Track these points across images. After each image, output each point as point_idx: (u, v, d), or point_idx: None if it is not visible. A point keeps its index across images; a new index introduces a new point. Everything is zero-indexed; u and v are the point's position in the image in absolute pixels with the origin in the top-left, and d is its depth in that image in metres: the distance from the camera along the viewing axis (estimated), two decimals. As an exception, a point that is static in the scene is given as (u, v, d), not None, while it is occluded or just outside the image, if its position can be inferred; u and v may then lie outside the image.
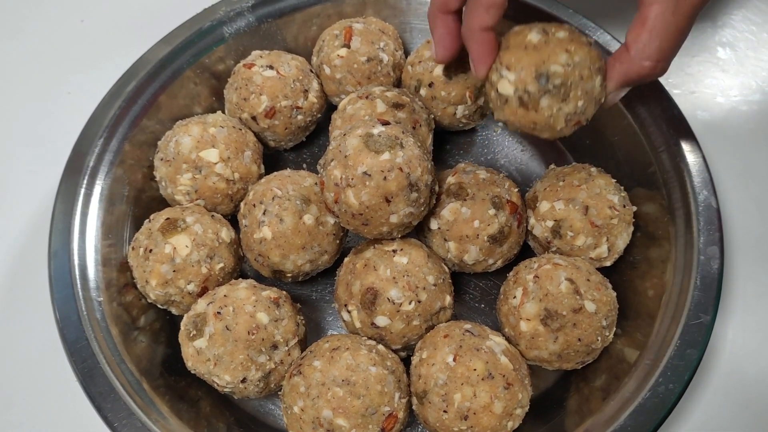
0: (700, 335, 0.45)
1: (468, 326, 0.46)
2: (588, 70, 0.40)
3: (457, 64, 0.54)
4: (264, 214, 0.49)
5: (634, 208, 0.52)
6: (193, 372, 0.46)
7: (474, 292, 0.56)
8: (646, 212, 0.52)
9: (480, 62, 0.43)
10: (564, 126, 0.41)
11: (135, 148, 0.54)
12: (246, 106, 0.56)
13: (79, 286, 0.47)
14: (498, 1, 0.41)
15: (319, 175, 0.46)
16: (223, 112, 0.59)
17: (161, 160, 0.53)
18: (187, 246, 0.48)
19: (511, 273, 0.50)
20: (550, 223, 0.51)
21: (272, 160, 0.61)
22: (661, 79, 0.55)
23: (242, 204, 0.52)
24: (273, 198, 0.49)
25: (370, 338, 0.47)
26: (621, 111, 0.54)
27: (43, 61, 0.70)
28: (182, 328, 0.46)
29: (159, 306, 0.50)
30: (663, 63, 0.40)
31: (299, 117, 0.57)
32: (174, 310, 0.50)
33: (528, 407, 0.44)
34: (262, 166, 0.56)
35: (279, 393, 0.46)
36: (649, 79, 0.42)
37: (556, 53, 0.39)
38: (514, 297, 0.47)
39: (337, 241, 0.51)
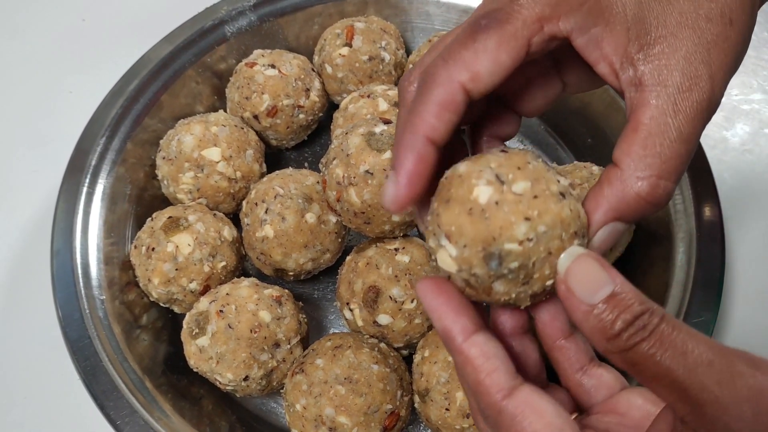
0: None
1: (470, 325, 0.46)
2: (559, 241, 0.27)
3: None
4: (266, 212, 0.49)
5: (636, 207, 0.52)
6: (195, 370, 0.46)
7: (475, 291, 0.56)
8: (648, 211, 0.52)
9: (404, 185, 0.28)
10: (530, 303, 0.30)
11: (137, 147, 0.54)
12: (248, 105, 0.56)
13: (81, 284, 0.48)
14: (457, 99, 0.27)
15: (321, 174, 0.46)
16: (225, 111, 0.59)
17: (163, 158, 0.53)
18: (189, 244, 0.48)
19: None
20: (551, 222, 0.51)
21: (274, 159, 0.61)
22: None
23: (244, 203, 0.52)
24: (275, 197, 0.49)
25: (372, 336, 0.47)
26: (623, 110, 0.54)
27: (44, 60, 0.70)
28: (184, 326, 0.46)
29: (161, 304, 0.50)
30: (666, 182, 0.28)
31: (301, 116, 0.57)
32: (176, 309, 0.50)
33: (530, 405, 0.44)
34: (264, 165, 0.56)
35: (281, 391, 0.46)
36: (649, 209, 0.28)
37: (511, 223, 0.27)
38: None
39: (339, 240, 0.51)
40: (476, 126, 0.35)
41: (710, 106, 0.28)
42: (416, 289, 0.29)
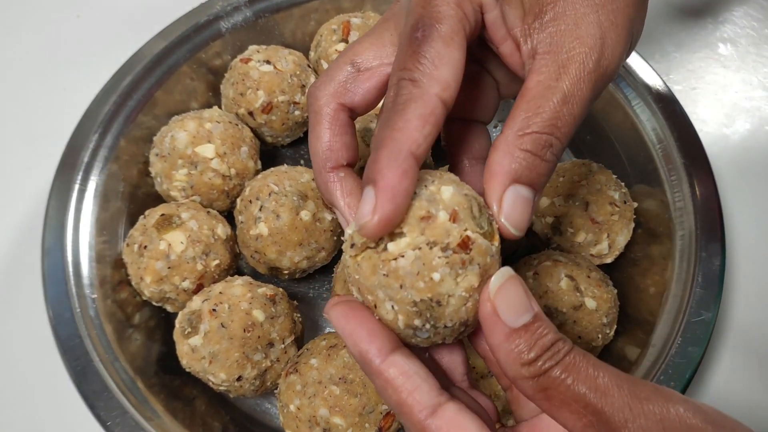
0: (701, 333, 0.44)
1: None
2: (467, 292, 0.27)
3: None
4: (260, 210, 0.48)
5: (635, 205, 0.51)
6: (188, 370, 0.45)
7: (473, 290, 0.56)
8: (647, 209, 0.52)
9: (390, 202, 0.26)
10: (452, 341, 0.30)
11: (130, 143, 0.53)
12: (243, 101, 0.55)
13: (72, 283, 0.47)
14: (437, 112, 0.27)
15: (316, 171, 0.46)
16: (220, 107, 0.58)
17: (156, 155, 0.52)
18: (182, 242, 0.47)
19: (510, 270, 0.49)
20: (549, 220, 0.50)
21: (269, 155, 0.60)
22: (662, 76, 0.55)
23: (238, 200, 0.51)
24: (269, 194, 0.48)
25: (367, 336, 0.46)
26: (622, 106, 0.54)
27: (38, 56, 0.70)
28: (177, 325, 0.45)
29: (154, 303, 0.49)
30: (548, 137, 0.27)
31: (296, 112, 0.57)
32: (169, 308, 0.50)
33: (527, 406, 0.44)
34: (259, 162, 0.55)
35: (275, 391, 0.46)
36: (541, 167, 0.28)
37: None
38: (514, 294, 0.46)
39: (335, 238, 0.50)
40: (452, 147, 0.35)
41: (599, 67, 0.28)
42: (327, 312, 0.29)
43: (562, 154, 0.29)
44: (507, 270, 0.27)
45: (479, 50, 0.33)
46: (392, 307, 0.27)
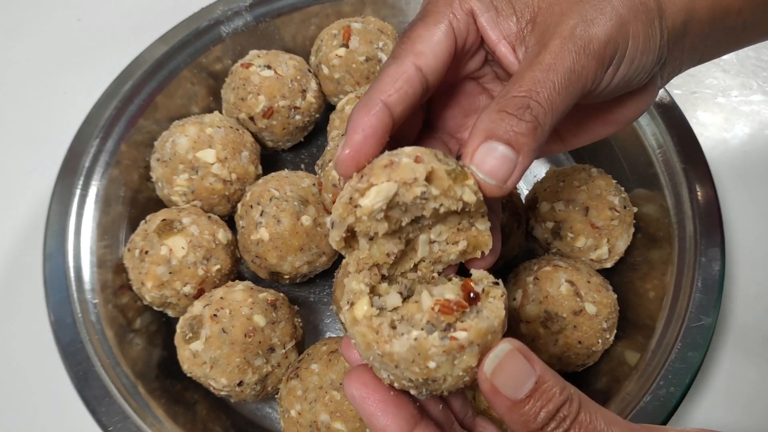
0: (701, 338, 0.44)
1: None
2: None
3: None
4: (261, 215, 0.48)
5: (635, 210, 0.51)
6: (189, 375, 0.45)
7: (473, 294, 0.56)
8: (647, 213, 0.52)
9: (356, 142, 0.29)
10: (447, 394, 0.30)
11: (131, 148, 0.54)
12: (243, 106, 0.55)
13: (74, 288, 0.47)
14: (409, 71, 0.29)
15: (317, 176, 0.46)
16: (221, 112, 0.58)
17: (157, 160, 0.52)
18: (183, 247, 0.47)
19: (510, 275, 0.49)
20: (550, 225, 0.50)
21: (270, 160, 0.60)
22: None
23: (239, 205, 0.51)
24: (270, 199, 0.48)
25: (368, 341, 0.46)
26: (621, 111, 0.54)
27: (39, 60, 0.70)
28: (178, 330, 0.45)
29: (155, 308, 0.50)
30: (525, 98, 0.28)
31: (297, 117, 0.57)
32: (170, 313, 0.50)
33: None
34: (260, 167, 0.55)
35: (276, 396, 0.46)
36: (514, 124, 0.28)
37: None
38: (514, 299, 0.47)
39: (335, 243, 0.50)
40: None
41: (577, 37, 0.29)
42: (344, 385, 0.29)
43: (549, 122, 0.29)
44: (502, 348, 0.27)
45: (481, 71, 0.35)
46: (388, 376, 0.27)
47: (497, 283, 0.28)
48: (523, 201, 0.53)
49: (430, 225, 0.30)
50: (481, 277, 0.29)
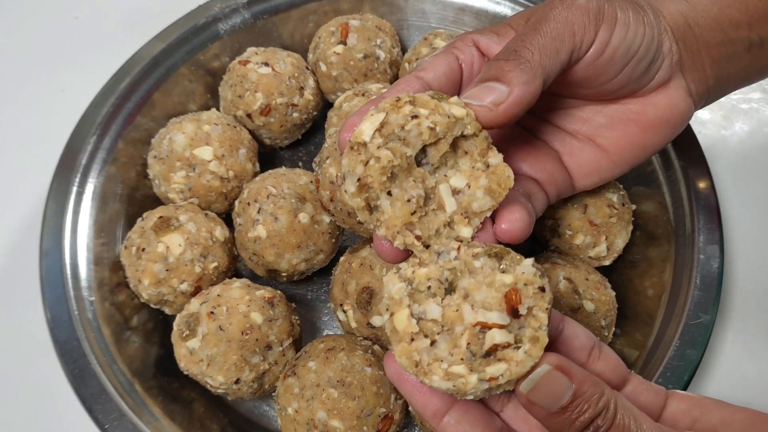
0: (700, 335, 0.44)
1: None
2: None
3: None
4: (259, 212, 0.48)
5: (634, 207, 0.51)
6: (185, 373, 0.45)
7: (471, 292, 0.55)
8: (646, 211, 0.52)
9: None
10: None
11: (128, 145, 0.53)
12: (241, 103, 0.55)
13: (70, 285, 0.47)
14: (411, 80, 0.33)
15: (315, 173, 0.46)
16: (218, 109, 0.58)
17: (155, 158, 0.52)
18: (180, 245, 0.47)
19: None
20: (548, 222, 0.50)
21: (267, 158, 0.60)
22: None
23: (237, 202, 0.51)
24: (268, 196, 0.48)
25: (365, 338, 0.46)
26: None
27: (36, 57, 0.70)
28: (175, 328, 0.45)
29: (152, 306, 0.49)
30: (513, 44, 0.31)
31: (295, 114, 0.56)
32: (167, 310, 0.50)
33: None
34: (257, 164, 0.55)
35: (273, 394, 0.46)
36: (508, 67, 0.30)
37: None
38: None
39: (333, 240, 0.50)
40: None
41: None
42: (384, 363, 0.32)
43: (537, 59, 0.30)
44: (538, 372, 0.27)
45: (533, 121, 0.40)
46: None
47: (543, 289, 0.28)
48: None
49: (445, 173, 0.31)
50: (524, 279, 0.28)
